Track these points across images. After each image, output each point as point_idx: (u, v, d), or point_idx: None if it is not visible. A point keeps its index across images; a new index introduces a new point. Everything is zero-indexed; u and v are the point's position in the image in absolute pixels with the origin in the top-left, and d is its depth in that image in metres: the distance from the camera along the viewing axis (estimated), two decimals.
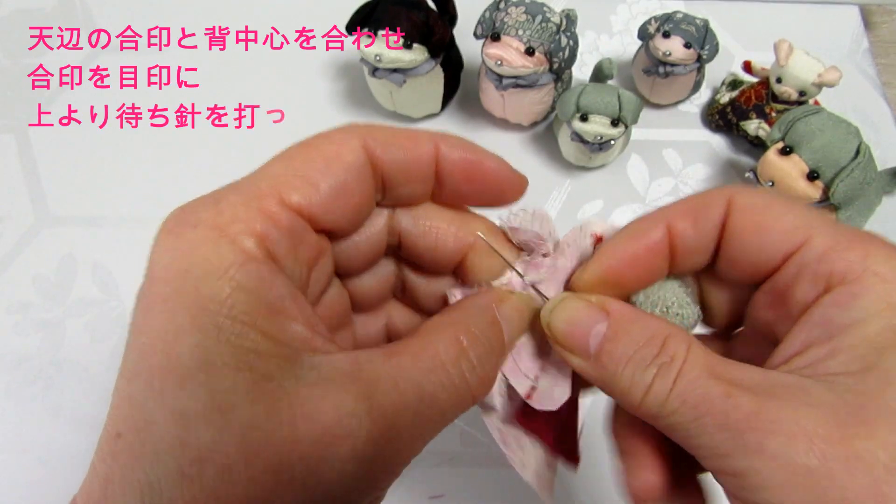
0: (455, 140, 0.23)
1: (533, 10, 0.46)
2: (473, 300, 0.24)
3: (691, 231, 0.22)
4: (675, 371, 0.20)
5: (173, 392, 0.18)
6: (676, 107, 0.55)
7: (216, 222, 0.19)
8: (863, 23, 0.59)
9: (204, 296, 0.18)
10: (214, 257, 0.18)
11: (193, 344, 0.18)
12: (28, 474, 0.42)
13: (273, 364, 0.18)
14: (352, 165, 0.21)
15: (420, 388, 0.19)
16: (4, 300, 0.48)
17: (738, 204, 0.22)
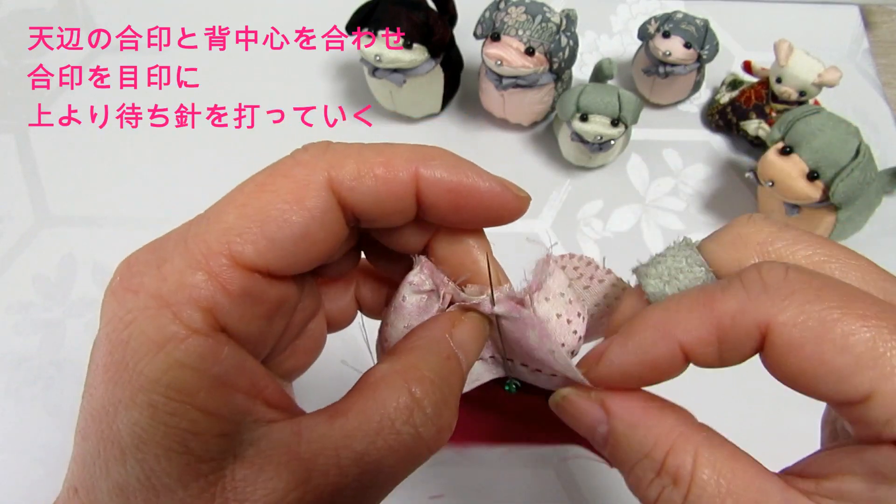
0: (438, 159, 0.20)
1: (533, 10, 0.46)
2: (425, 332, 0.21)
3: (714, 356, 0.18)
4: (680, 496, 0.18)
5: (115, 466, 0.17)
6: (676, 107, 0.55)
7: (157, 290, 0.18)
8: (863, 23, 0.59)
9: (140, 373, 0.17)
10: (153, 331, 0.17)
11: (131, 421, 0.17)
12: (28, 474, 0.42)
13: (211, 443, 0.17)
14: (314, 210, 0.19)
15: (364, 457, 0.18)
16: (4, 300, 0.48)
17: (778, 340, 0.17)
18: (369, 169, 0.19)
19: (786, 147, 0.43)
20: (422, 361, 0.20)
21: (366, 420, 0.18)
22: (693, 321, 0.18)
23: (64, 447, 0.43)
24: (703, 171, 0.52)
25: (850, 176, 0.41)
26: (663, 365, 0.19)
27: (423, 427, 0.19)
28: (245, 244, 0.18)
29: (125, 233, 0.50)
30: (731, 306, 0.18)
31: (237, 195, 0.19)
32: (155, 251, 0.19)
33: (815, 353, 0.17)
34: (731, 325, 0.18)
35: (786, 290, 0.17)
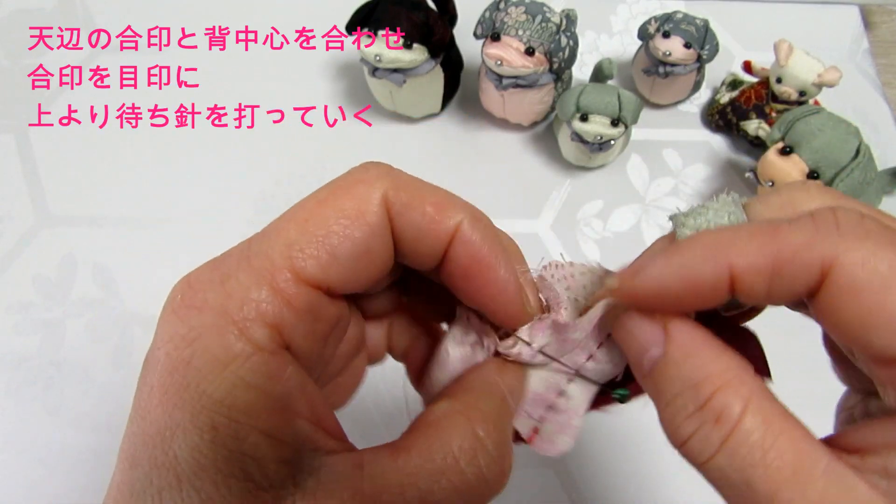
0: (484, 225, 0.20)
1: (533, 10, 0.46)
2: (478, 375, 0.21)
3: (762, 289, 0.17)
4: (719, 436, 0.17)
5: (169, 493, 0.17)
6: (676, 107, 0.55)
7: (223, 306, 0.17)
8: (863, 23, 0.59)
9: (203, 392, 0.17)
10: (218, 349, 0.17)
11: (191, 446, 0.17)
12: (28, 474, 0.42)
13: (271, 471, 0.17)
14: (375, 227, 0.19)
15: (428, 497, 0.17)
16: (4, 300, 0.48)
17: (841, 279, 0.16)
18: (422, 203, 0.19)
19: (786, 147, 0.43)
20: (482, 402, 0.20)
21: (430, 458, 0.18)
22: (752, 245, 0.17)
23: (64, 447, 0.43)
24: (703, 171, 0.52)
25: (850, 176, 0.41)
26: (705, 287, 0.18)
27: (487, 468, 0.18)
28: (307, 259, 0.18)
29: (125, 233, 0.50)
30: (797, 238, 0.17)
31: (298, 211, 0.19)
32: (216, 268, 0.18)
33: (879, 298, 0.16)
34: (792, 256, 0.17)
35: (860, 232, 0.17)
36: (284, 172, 0.52)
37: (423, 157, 0.53)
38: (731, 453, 0.16)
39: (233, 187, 0.52)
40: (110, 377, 0.45)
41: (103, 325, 0.47)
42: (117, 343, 0.46)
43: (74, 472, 0.42)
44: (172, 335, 0.18)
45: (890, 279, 0.16)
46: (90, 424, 0.43)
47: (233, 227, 0.50)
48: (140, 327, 0.47)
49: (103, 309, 0.47)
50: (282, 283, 0.18)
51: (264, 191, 0.51)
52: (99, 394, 0.44)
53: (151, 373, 0.18)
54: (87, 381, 0.45)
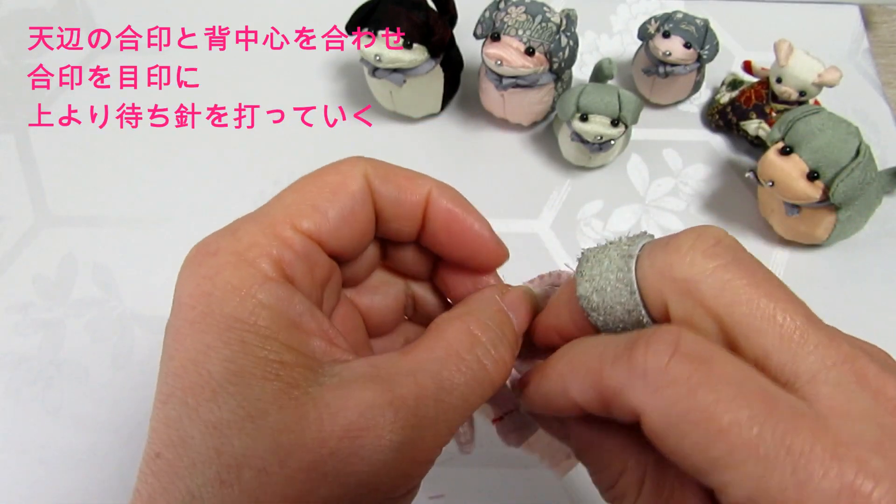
0: (449, 191, 0.24)
1: (533, 10, 0.46)
2: (477, 295, 0.25)
3: (606, 415, 0.20)
4: None
5: (206, 406, 0.19)
6: (676, 107, 0.55)
7: (235, 248, 0.21)
8: (863, 23, 0.59)
9: (228, 315, 0.19)
10: (236, 279, 0.20)
11: (222, 359, 0.19)
12: (28, 474, 0.42)
13: (297, 373, 0.19)
14: (356, 194, 0.22)
15: (438, 376, 0.20)
16: (4, 300, 0.48)
17: (646, 427, 0.18)
18: (396, 177, 0.23)
19: (786, 147, 0.43)
20: (477, 311, 0.23)
21: (434, 352, 0.21)
22: (584, 386, 0.20)
23: (64, 447, 0.43)
24: (703, 171, 0.52)
25: (850, 176, 0.41)
26: (566, 412, 0.21)
27: (485, 357, 0.22)
28: (303, 217, 0.22)
29: (125, 233, 0.50)
30: (614, 383, 0.19)
31: (294, 185, 0.23)
32: (226, 227, 0.22)
33: (677, 446, 0.17)
34: (612, 398, 0.19)
35: (662, 381, 0.17)
36: (284, 172, 0.52)
37: (423, 157, 0.53)
38: None
39: (232, 187, 0.52)
40: (110, 377, 0.45)
41: (103, 325, 0.47)
42: (117, 343, 0.46)
43: (74, 472, 0.42)
44: (192, 276, 0.20)
45: (683, 430, 0.17)
46: (90, 424, 0.43)
47: None
48: (140, 327, 0.47)
49: (103, 309, 0.47)
50: (282, 231, 0.21)
51: (264, 191, 0.51)
52: (99, 394, 0.44)
53: (176, 317, 0.20)
54: (87, 381, 0.45)
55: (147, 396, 0.45)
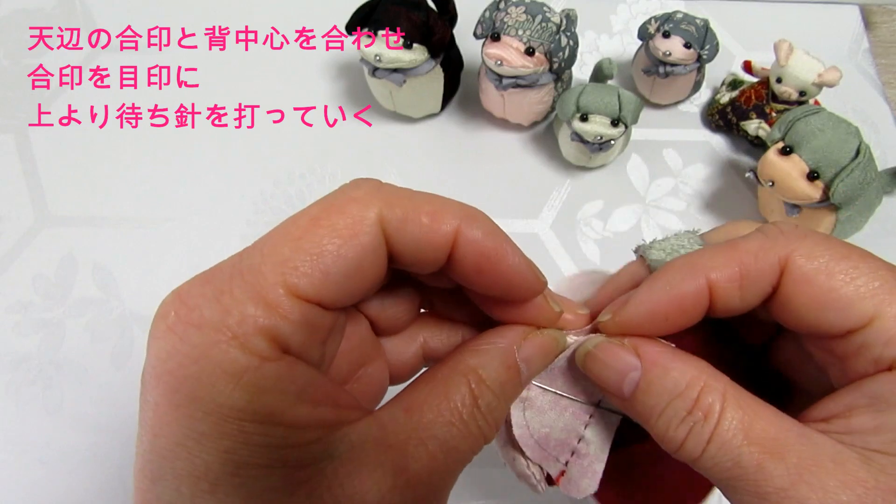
0: (480, 221, 0.21)
1: (533, 10, 0.46)
2: (493, 338, 0.23)
3: (736, 294, 0.21)
4: (708, 431, 0.19)
5: (203, 499, 0.17)
6: (676, 107, 0.55)
7: (222, 322, 0.18)
8: (863, 23, 0.59)
9: (222, 405, 0.17)
10: (227, 364, 0.18)
11: (221, 450, 0.17)
12: (28, 474, 0.42)
13: (306, 451, 0.18)
14: (367, 247, 0.19)
15: (446, 445, 0.20)
16: (4, 300, 0.48)
17: (795, 272, 0.20)
18: (417, 215, 0.20)
19: (786, 147, 0.43)
20: (485, 364, 0.21)
21: (441, 414, 0.20)
22: (720, 258, 0.21)
23: (64, 447, 0.43)
24: (703, 171, 0.52)
25: (850, 176, 0.41)
26: (689, 302, 0.21)
27: (482, 424, 0.21)
28: (301, 277, 0.18)
29: (125, 233, 0.50)
30: (754, 245, 0.21)
31: (291, 228, 0.19)
32: (208, 282, 0.19)
33: (826, 282, 0.20)
34: (753, 260, 0.20)
35: (800, 234, 0.21)
36: (284, 172, 0.52)
37: (423, 157, 0.53)
38: (720, 442, 0.19)
39: (232, 187, 0.52)
40: (110, 377, 0.45)
41: (103, 325, 0.47)
42: (117, 343, 0.46)
43: (74, 472, 0.42)
44: (172, 353, 0.18)
45: (831, 266, 0.20)
46: (90, 424, 0.43)
47: (233, 227, 0.50)
48: (140, 327, 0.47)
49: (103, 309, 0.47)
50: (276, 298, 0.18)
51: (264, 191, 0.51)
52: (99, 394, 0.44)
53: (153, 390, 0.18)
54: (87, 381, 0.45)
55: None
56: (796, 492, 0.18)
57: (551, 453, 0.24)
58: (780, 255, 0.20)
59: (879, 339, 0.19)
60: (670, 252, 0.23)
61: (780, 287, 0.20)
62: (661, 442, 0.21)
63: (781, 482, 0.18)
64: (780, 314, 0.21)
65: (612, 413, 0.24)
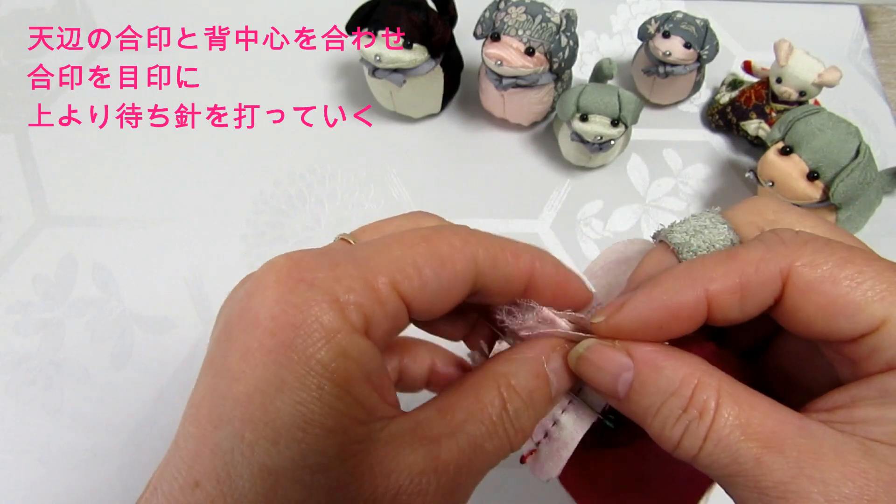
0: (548, 258, 0.24)
1: (533, 10, 0.46)
2: (526, 350, 0.23)
3: (736, 305, 0.21)
4: (704, 428, 0.19)
5: (264, 446, 0.18)
6: (676, 107, 0.55)
7: (332, 288, 0.19)
8: (863, 23, 0.59)
9: (311, 356, 0.18)
10: (327, 320, 0.19)
11: (295, 400, 0.18)
12: (28, 474, 0.42)
13: (361, 429, 0.19)
14: (460, 275, 0.22)
15: (475, 443, 0.20)
16: (4, 300, 0.48)
17: (798, 281, 0.20)
18: (504, 255, 0.23)
19: (786, 147, 0.43)
20: (515, 373, 0.22)
21: (473, 415, 0.21)
22: (719, 270, 0.21)
23: (64, 447, 0.43)
24: (703, 171, 0.52)
25: (850, 176, 0.41)
26: (686, 313, 0.21)
27: (509, 428, 0.21)
28: (404, 278, 0.21)
29: (125, 233, 0.50)
30: (754, 256, 0.20)
31: (403, 238, 0.22)
32: (324, 255, 0.21)
33: (832, 290, 0.19)
34: (754, 272, 0.20)
35: (801, 242, 0.20)
36: (284, 172, 0.52)
37: (423, 157, 0.53)
38: (717, 439, 0.19)
39: (233, 187, 0.52)
40: (110, 377, 0.45)
41: (103, 325, 0.47)
42: (117, 343, 0.46)
43: (74, 472, 0.42)
44: (280, 301, 0.19)
45: (835, 272, 0.19)
46: (90, 424, 0.43)
47: (232, 226, 0.50)
48: (140, 327, 0.47)
49: (103, 309, 0.47)
50: (381, 286, 0.20)
51: (264, 191, 0.51)
52: (99, 394, 0.44)
53: (247, 334, 0.19)
54: (87, 381, 0.45)
55: (147, 396, 0.45)
56: (797, 485, 0.18)
57: None
58: (781, 266, 0.20)
59: (891, 341, 0.19)
60: (693, 234, 0.23)
61: (784, 297, 0.20)
62: (659, 441, 0.21)
63: (781, 476, 0.18)
64: (786, 322, 0.21)
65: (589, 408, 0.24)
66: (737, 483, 0.19)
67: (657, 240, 0.24)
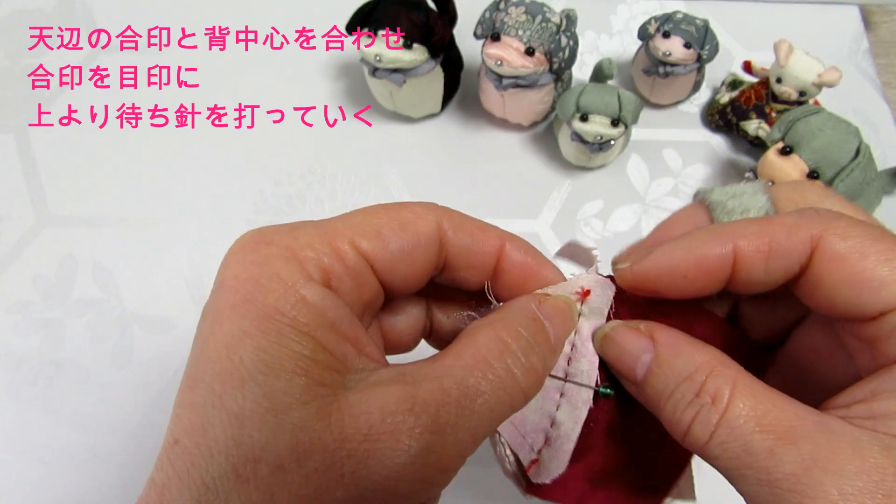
0: (521, 242, 0.24)
1: (533, 10, 0.46)
2: (512, 302, 0.23)
3: (761, 266, 0.20)
4: (716, 415, 0.19)
5: (231, 394, 0.18)
6: (676, 107, 0.55)
7: (289, 244, 0.20)
8: (863, 23, 0.59)
9: (269, 304, 0.19)
10: (284, 272, 0.20)
11: (256, 347, 0.19)
12: (28, 474, 0.42)
13: (326, 373, 0.19)
14: (423, 235, 0.22)
15: (463, 382, 0.20)
16: (4, 300, 0.48)
17: (826, 250, 0.20)
18: (469, 227, 0.23)
19: (786, 147, 0.43)
20: (510, 318, 0.22)
21: (461, 358, 0.21)
22: (752, 229, 0.21)
23: (64, 447, 0.43)
24: (703, 171, 0.52)
25: (850, 176, 0.41)
26: (712, 264, 0.21)
27: (515, 366, 0.21)
28: (364, 238, 0.21)
29: (125, 233, 0.50)
30: (788, 221, 0.20)
31: (364, 209, 0.22)
32: (286, 224, 0.22)
33: (859, 262, 0.19)
34: (785, 234, 0.20)
35: (836, 215, 0.20)
36: (284, 172, 0.52)
37: (423, 157, 0.53)
38: (730, 427, 0.19)
39: (232, 187, 0.52)
40: (110, 377, 0.45)
41: (103, 325, 0.47)
42: (117, 343, 0.46)
43: (74, 472, 0.42)
44: (240, 261, 0.20)
45: (865, 246, 0.19)
46: (90, 424, 0.43)
47: (232, 226, 0.50)
48: (140, 327, 0.47)
49: (103, 309, 0.47)
50: (340, 243, 0.21)
51: (264, 191, 0.51)
52: (99, 394, 0.44)
53: (217, 299, 0.20)
54: (87, 381, 0.45)
55: (147, 396, 0.45)
56: (809, 477, 0.17)
57: (526, 438, 0.24)
58: (812, 233, 0.20)
59: None
60: (732, 195, 0.23)
61: (810, 265, 0.20)
62: (670, 427, 0.20)
63: (793, 468, 0.17)
64: (809, 294, 0.21)
65: (582, 387, 0.24)
66: (747, 476, 0.18)
67: (696, 199, 0.24)
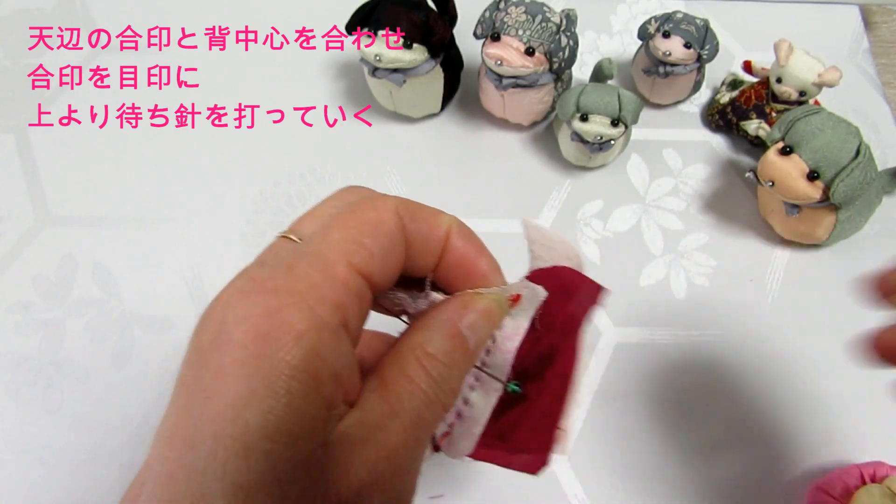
0: (466, 230, 0.25)
1: (533, 10, 0.46)
2: (435, 314, 0.24)
3: None
4: None
5: (235, 463, 0.18)
6: (676, 107, 0.55)
7: (294, 288, 0.20)
8: (863, 23, 0.59)
9: (281, 360, 0.18)
10: (296, 321, 0.19)
11: (264, 410, 0.18)
12: (28, 474, 0.42)
13: (322, 430, 0.19)
14: (392, 231, 0.23)
15: (416, 415, 0.21)
16: (4, 300, 0.48)
17: None
18: (421, 214, 0.24)
19: (786, 147, 0.43)
20: (429, 339, 0.23)
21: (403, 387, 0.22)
22: None
23: (64, 447, 0.43)
24: (703, 171, 0.52)
25: (850, 176, 0.41)
26: None
27: (437, 388, 0.22)
28: (354, 255, 0.21)
29: (125, 233, 0.50)
30: None
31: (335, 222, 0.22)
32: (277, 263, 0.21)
33: None
34: None
35: None
36: (284, 172, 0.52)
37: (423, 157, 0.53)
38: None
39: (232, 187, 0.52)
40: (110, 377, 0.45)
41: (103, 325, 0.47)
42: (117, 343, 0.46)
43: (74, 472, 0.42)
44: (248, 314, 0.19)
45: None
46: (90, 424, 0.43)
47: (233, 226, 0.50)
48: (140, 327, 0.47)
49: (103, 309, 0.47)
50: (340, 271, 0.21)
51: (264, 190, 0.51)
52: (99, 394, 0.44)
53: (218, 353, 0.19)
54: (87, 381, 0.45)
55: (147, 396, 0.45)
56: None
57: None
58: None
59: None
60: None
61: None
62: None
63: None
64: None
65: (494, 380, 0.25)
66: None
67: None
